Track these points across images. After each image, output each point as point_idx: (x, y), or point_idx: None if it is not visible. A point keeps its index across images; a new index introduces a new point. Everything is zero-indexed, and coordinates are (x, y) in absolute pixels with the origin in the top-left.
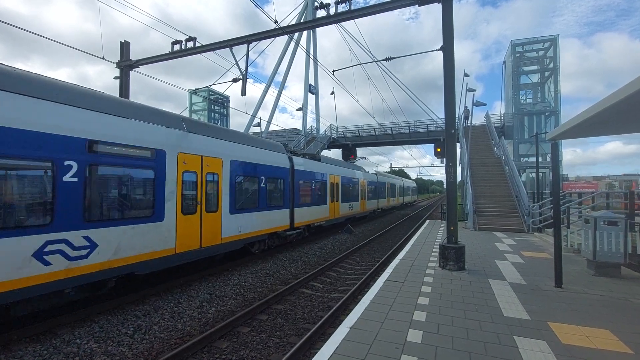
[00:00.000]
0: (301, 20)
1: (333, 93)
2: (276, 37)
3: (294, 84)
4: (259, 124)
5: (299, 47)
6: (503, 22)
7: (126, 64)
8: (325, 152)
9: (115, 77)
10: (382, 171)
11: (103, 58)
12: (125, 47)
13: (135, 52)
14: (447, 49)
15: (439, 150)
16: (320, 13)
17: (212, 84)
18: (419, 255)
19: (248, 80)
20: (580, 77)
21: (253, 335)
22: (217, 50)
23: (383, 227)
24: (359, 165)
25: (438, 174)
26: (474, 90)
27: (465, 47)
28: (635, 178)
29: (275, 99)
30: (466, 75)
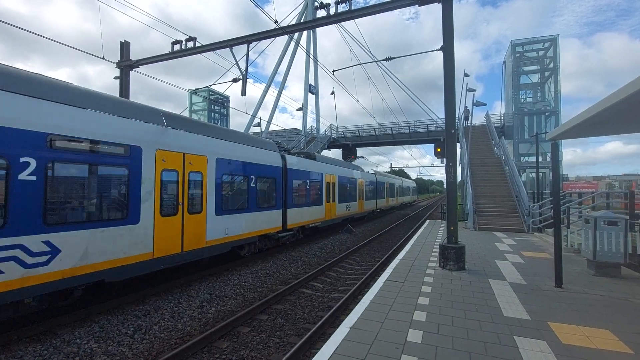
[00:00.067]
0: (301, 20)
1: (333, 93)
2: (276, 37)
3: (294, 84)
4: (259, 124)
5: (299, 47)
6: (503, 22)
7: (126, 64)
8: (326, 152)
9: (115, 77)
10: (382, 171)
11: (103, 58)
12: (125, 47)
13: (135, 52)
14: (447, 49)
15: (439, 150)
16: (320, 13)
17: (212, 84)
18: (419, 255)
19: (248, 80)
20: (580, 77)
21: (253, 335)
22: (217, 50)
23: (383, 227)
24: (357, 165)
25: (438, 174)
26: (474, 90)
27: (465, 47)
28: (635, 178)
29: (275, 99)
30: (466, 75)
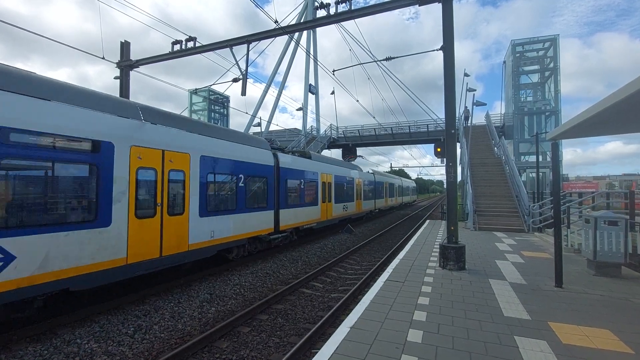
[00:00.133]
0: (301, 20)
1: (333, 93)
2: (276, 37)
3: (294, 84)
4: (259, 124)
5: (299, 47)
6: (503, 22)
7: (126, 64)
8: (326, 152)
9: (115, 77)
10: (382, 171)
11: (103, 58)
12: (125, 47)
13: (135, 52)
14: (447, 48)
15: (439, 150)
16: (320, 13)
17: (212, 84)
18: (419, 255)
19: (248, 80)
20: (580, 77)
21: (253, 335)
22: (217, 50)
23: (383, 227)
24: (354, 164)
25: (438, 173)
26: (474, 90)
27: (465, 47)
28: (635, 178)
29: (275, 99)
30: (466, 75)
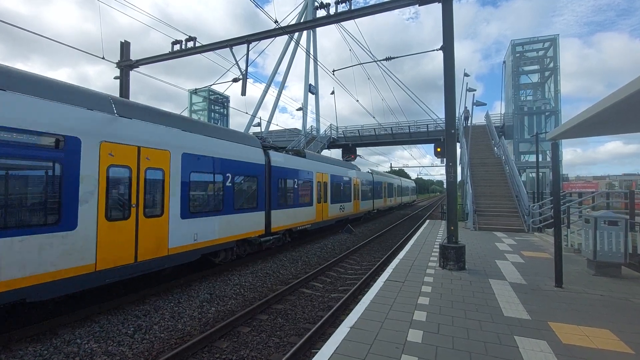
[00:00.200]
0: (301, 20)
1: (333, 93)
2: (276, 37)
3: (294, 84)
4: (259, 124)
5: (299, 47)
6: (503, 22)
7: (126, 64)
8: (326, 152)
9: (115, 77)
10: (382, 171)
11: (103, 58)
12: (125, 47)
13: (135, 52)
14: (447, 48)
15: (439, 150)
16: (320, 13)
17: (212, 84)
18: (419, 255)
19: (248, 80)
20: (580, 77)
21: (253, 335)
22: (217, 50)
23: (383, 227)
24: (352, 164)
25: (438, 173)
26: (474, 90)
27: (465, 47)
28: (635, 178)
29: (275, 99)
30: (466, 75)
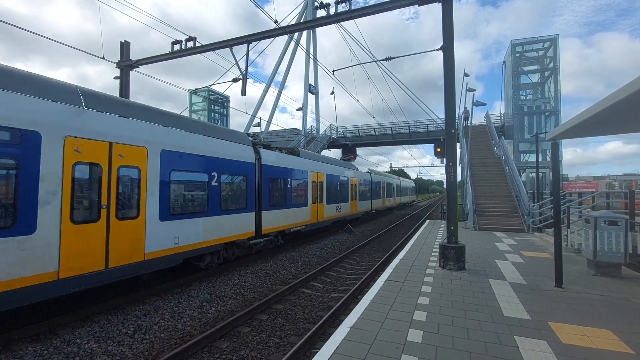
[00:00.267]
0: (301, 20)
1: (333, 93)
2: (276, 37)
3: (294, 84)
4: (259, 124)
5: (299, 47)
6: (503, 22)
7: (126, 64)
8: (326, 152)
9: (115, 77)
10: (382, 171)
11: (103, 58)
12: (125, 47)
13: (135, 52)
14: (447, 48)
15: (438, 150)
16: (320, 13)
17: (212, 84)
18: (419, 255)
19: (248, 80)
20: (580, 77)
21: (253, 335)
22: (217, 50)
23: (383, 227)
24: (350, 163)
25: (438, 173)
26: (474, 90)
27: (465, 47)
28: (635, 178)
29: (275, 99)
30: (466, 75)
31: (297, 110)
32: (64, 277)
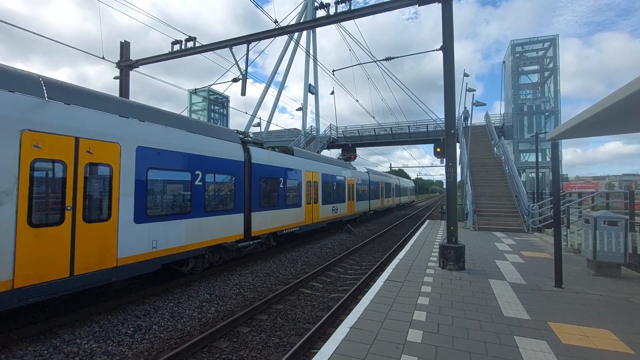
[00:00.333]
0: (301, 20)
1: (333, 93)
2: (276, 37)
3: (293, 84)
4: (259, 124)
5: (298, 47)
6: (503, 22)
7: (126, 64)
8: (325, 152)
9: (115, 77)
10: (382, 171)
11: (103, 58)
12: (125, 47)
13: (135, 52)
14: (447, 48)
15: (438, 150)
16: (320, 13)
17: (212, 84)
18: (419, 255)
19: (248, 80)
20: (580, 77)
21: (253, 335)
22: (217, 50)
23: (383, 227)
24: (347, 162)
25: (438, 174)
26: (474, 90)
27: (465, 47)
28: (635, 178)
29: (275, 99)
30: (466, 75)
31: (297, 110)
32: (19, 287)
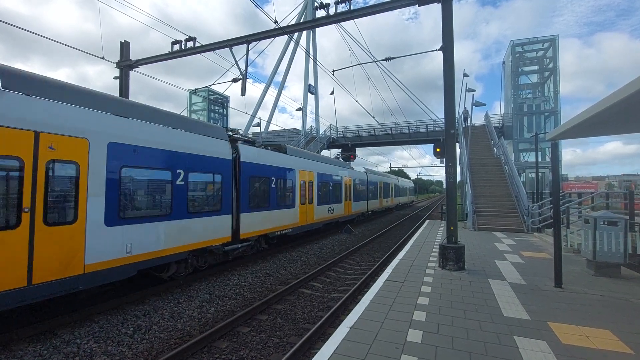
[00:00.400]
0: (301, 20)
1: (333, 93)
2: (276, 37)
3: (293, 84)
4: (259, 124)
5: (298, 47)
6: (503, 22)
7: (126, 64)
8: (325, 152)
9: (115, 77)
10: (382, 171)
11: (103, 58)
12: (125, 47)
13: (135, 52)
14: (447, 49)
15: (438, 150)
16: (320, 13)
17: (212, 84)
18: (418, 255)
19: (248, 80)
20: (580, 77)
21: (253, 335)
22: (217, 50)
23: (382, 227)
24: (344, 162)
25: (437, 174)
26: (474, 90)
27: (465, 47)
28: (635, 178)
29: (275, 99)
30: (466, 75)
31: (297, 110)
32: None
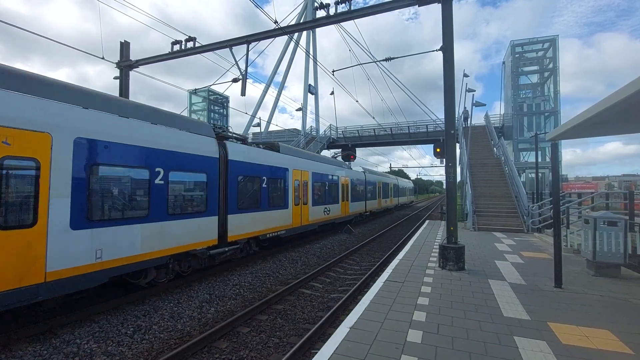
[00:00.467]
0: (301, 21)
1: (333, 93)
2: (276, 37)
3: (293, 84)
4: (259, 124)
5: (298, 47)
6: (503, 22)
7: (126, 64)
8: (325, 152)
9: (115, 77)
10: (382, 171)
11: (103, 58)
12: (125, 47)
13: (135, 52)
14: (447, 49)
15: (438, 150)
16: (320, 13)
17: (212, 84)
18: (418, 256)
19: (248, 80)
20: (580, 77)
21: (253, 335)
22: (217, 50)
23: (382, 228)
24: (341, 161)
25: (437, 174)
26: (474, 90)
27: (465, 47)
28: (635, 178)
29: (275, 99)
30: (466, 75)
31: (297, 110)
32: None
